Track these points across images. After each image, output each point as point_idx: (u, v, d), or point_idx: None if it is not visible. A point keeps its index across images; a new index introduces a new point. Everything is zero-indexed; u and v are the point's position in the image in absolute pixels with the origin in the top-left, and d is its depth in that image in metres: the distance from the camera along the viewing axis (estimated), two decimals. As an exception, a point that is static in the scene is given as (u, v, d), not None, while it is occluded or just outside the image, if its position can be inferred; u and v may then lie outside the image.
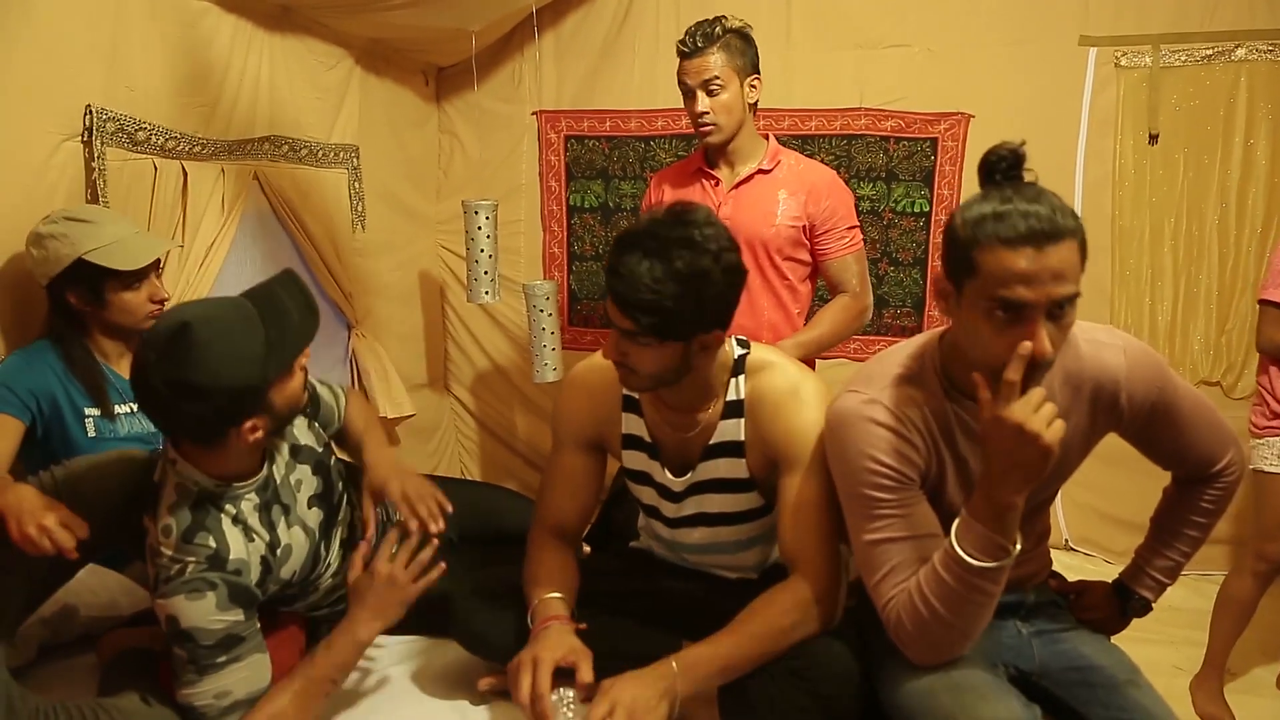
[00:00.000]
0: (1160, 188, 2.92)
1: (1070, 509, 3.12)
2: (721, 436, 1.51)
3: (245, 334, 1.31)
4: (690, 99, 2.14)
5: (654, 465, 1.59)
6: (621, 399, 1.59)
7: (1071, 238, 1.13)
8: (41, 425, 1.66)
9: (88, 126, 1.79)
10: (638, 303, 1.31)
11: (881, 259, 3.16)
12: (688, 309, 1.32)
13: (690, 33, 2.11)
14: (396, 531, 1.54)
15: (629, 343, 1.38)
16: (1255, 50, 2.79)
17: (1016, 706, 1.21)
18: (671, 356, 1.38)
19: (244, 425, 1.33)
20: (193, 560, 1.35)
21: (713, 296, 1.34)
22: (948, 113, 3.00)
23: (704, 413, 1.52)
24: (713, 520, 1.57)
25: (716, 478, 1.54)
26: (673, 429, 1.55)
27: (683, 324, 1.34)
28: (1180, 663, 2.43)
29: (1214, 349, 2.96)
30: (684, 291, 1.30)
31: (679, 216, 1.35)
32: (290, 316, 1.38)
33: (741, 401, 1.50)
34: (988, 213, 1.14)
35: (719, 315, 1.38)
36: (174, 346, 1.26)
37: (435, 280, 3.49)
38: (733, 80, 2.11)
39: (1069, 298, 1.14)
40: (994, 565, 1.19)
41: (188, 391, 1.26)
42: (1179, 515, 1.50)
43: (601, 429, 1.62)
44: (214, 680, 1.34)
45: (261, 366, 1.31)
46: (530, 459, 3.57)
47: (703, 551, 1.63)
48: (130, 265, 1.65)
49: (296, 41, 2.47)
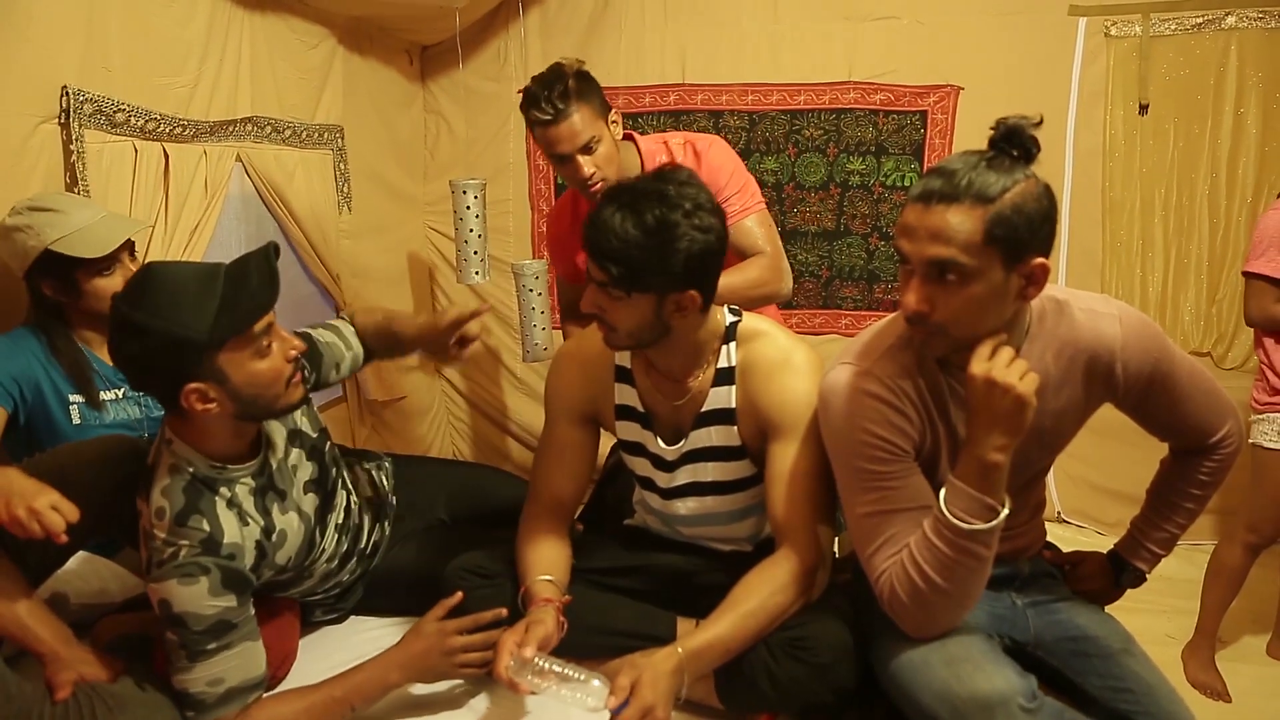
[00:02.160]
0: (1150, 158, 2.91)
1: (1062, 481, 3.13)
2: (713, 404, 1.52)
3: (199, 286, 1.30)
4: (569, 166, 1.96)
5: (647, 435, 1.60)
6: (614, 370, 1.60)
7: (973, 205, 1.13)
8: (24, 412, 1.63)
9: (65, 108, 1.75)
10: (606, 250, 1.35)
11: (872, 233, 3.15)
12: (654, 262, 1.35)
13: (543, 97, 1.90)
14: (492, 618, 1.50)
15: (603, 295, 1.41)
16: (1245, 18, 2.77)
17: (1013, 676, 1.22)
18: (644, 312, 1.40)
19: (188, 387, 1.30)
20: (186, 544, 1.34)
21: (681, 251, 1.35)
22: (937, 85, 2.98)
23: (694, 380, 1.53)
24: (705, 489, 1.57)
25: (709, 446, 1.54)
26: (664, 397, 1.56)
27: (650, 277, 1.36)
28: (1173, 631, 2.45)
29: (1204, 319, 2.96)
30: (651, 244, 1.34)
31: (659, 175, 1.40)
32: (249, 280, 1.34)
33: (733, 369, 1.51)
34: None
35: (691, 275, 1.38)
36: (132, 286, 1.30)
37: (424, 262, 3.46)
38: (602, 129, 1.96)
39: (945, 262, 1.15)
40: (984, 527, 1.20)
41: (130, 327, 1.26)
42: (1176, 487, 1.50)
43: (595, 401, 1.63)
44: (206, 667, 1.33)
45: (207, 319, 1.28)
46: (522, 439, 3.57)
47: (696, 523, 1.64)
48: (98, 252, 1.60)
49: (277, 20, 2.44)
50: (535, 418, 3.48)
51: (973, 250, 1.13)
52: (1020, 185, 1.14)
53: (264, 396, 1.38)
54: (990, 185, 1.13)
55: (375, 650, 1.70)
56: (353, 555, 1.74)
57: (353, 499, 1.75)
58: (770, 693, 1.40)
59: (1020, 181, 1.15)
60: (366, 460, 1.94)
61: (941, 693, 1.21)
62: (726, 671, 1.43)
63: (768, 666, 1.39)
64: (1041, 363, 1.30)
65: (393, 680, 1.45)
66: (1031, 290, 1.20)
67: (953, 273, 1.15)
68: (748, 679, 1.41)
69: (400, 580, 1.82)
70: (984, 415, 1.18)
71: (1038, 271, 1.18)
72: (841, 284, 3.23)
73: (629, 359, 1.60)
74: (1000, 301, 1.19)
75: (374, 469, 1.92)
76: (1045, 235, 1.17)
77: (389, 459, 2.01)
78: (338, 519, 1.68)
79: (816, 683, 1.37)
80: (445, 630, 1.47)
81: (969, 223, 1.13)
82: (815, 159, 3.13)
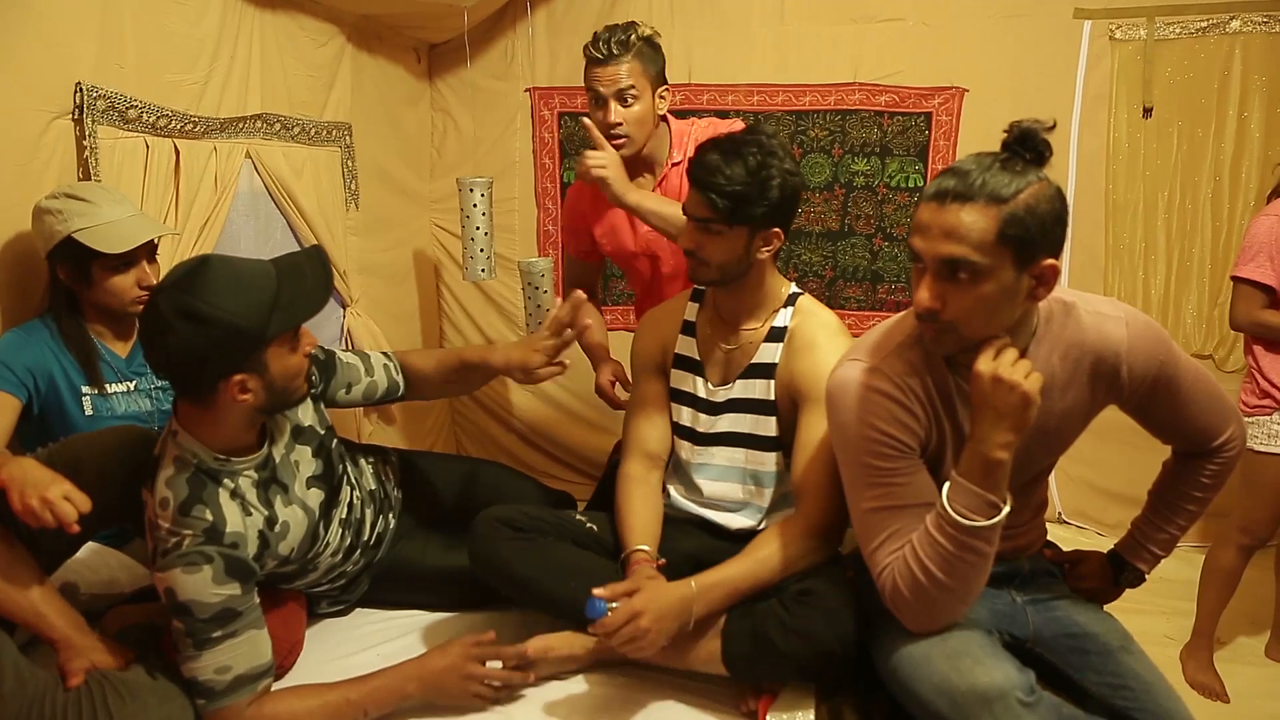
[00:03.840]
0: (1154, 161, 2.92)
1: (1063, 482, 3.14)
2: (761, 358, 1.68)
3: (258, 281, 1.35)
4: (600, 107, 2.04)
5: (697, 380, 1.75)
6: (682, 324, 1.79)
7: (987, 205, 1.14)
8: (38, 403, 1.65)
9: (78, 104, 1.77)
10: (714, 186, 1.53)
11: (876, 234, 3.16)
12: (755, 194, 1.53)
13: (602, 38, 2.00)
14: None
15: (703, 232, 1.59)
16: (1249, 22, 2.78)
17: (1012, 671, 1.23)
18: (737, 245, 1.58)
19: (234, 378, 1.33)
20: (189, 533, 1.36)
21: (775, 187, 1.54)
22: (942, 87, 2.99)
23: (749, 330, 1.69)
24: (738, 440, 1.71)
25: (750, 397, 1.69)
26: (721, 341, 1.72)
27: (751, 209, 1.54)
28: (1171, 632, 2.46)
29: (1206, 322, 2.97)
30: (753, 180, 1.53)
31: (752, 129, 1.62)
32: (305, 282, 1.40)
33: (785, 329, 1.67)
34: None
35: (780, 212, 1.58)
36: (189, 274, 1.32)
37: (430, 259, 3.48)
38: (646, 91, 2.04)
39: (958, 260, 1.16)
40: (986, 523, 1.21)
41: (189, 315, 1.28)
42: (1178, 489, 1.51)
43: (666, 353, 1.81)
44: (213, 655, 1.35)
45: (265, 314, 1.33)
46: (526, 436, 3.58)
47: (721, 477, 1.73)
48: (116, 248, 1.62)
49: (287, 18, 2.45)
50: (540, 415, 3.51)
51: (985, 249, 1.15)
52: (1033, 187, 1.16)
53: (290, 388, 1.44)
54: (1004, 186, 1.14)
55: (381, 642, 1.73)
56: (356, 548, 1.76)
57: (356, 494, 1.77)
58: (780, 641, 1.42)
59: (1033, 183, 1.16)
60: (372, 454, 1.95)
61: (941, 686, 1.22)
62: (736, 627, 1.47)
63: (779, 616, 1.44)
64: (1048, 364, 1.31)
65: (409, 692, 1.46)
66: (1041, 291, 1.21)
67: (965, 271, 1.16)
68: (759, 634, 1.44)
69: (406, 573, 1.84)
70: (989, 412, 1.20)
71: (1048, 272, 1.19)
72: (845, 284, 3.24)
73: (695, 313, 1.78)
74: (1010, 301, 1.20)
75: (380, 463, 1.94)
76: (1056, 237, 1.19)
77: (395, 454, 2.03)
78: (342, 514, 1.70)
79: (824, 629, 1.41)
80: (469, 654, 1.49)
81: (982, 222, 1.14)
82: (820, 160, 3.15)
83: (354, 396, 1.81)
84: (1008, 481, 1.22)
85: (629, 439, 1.82)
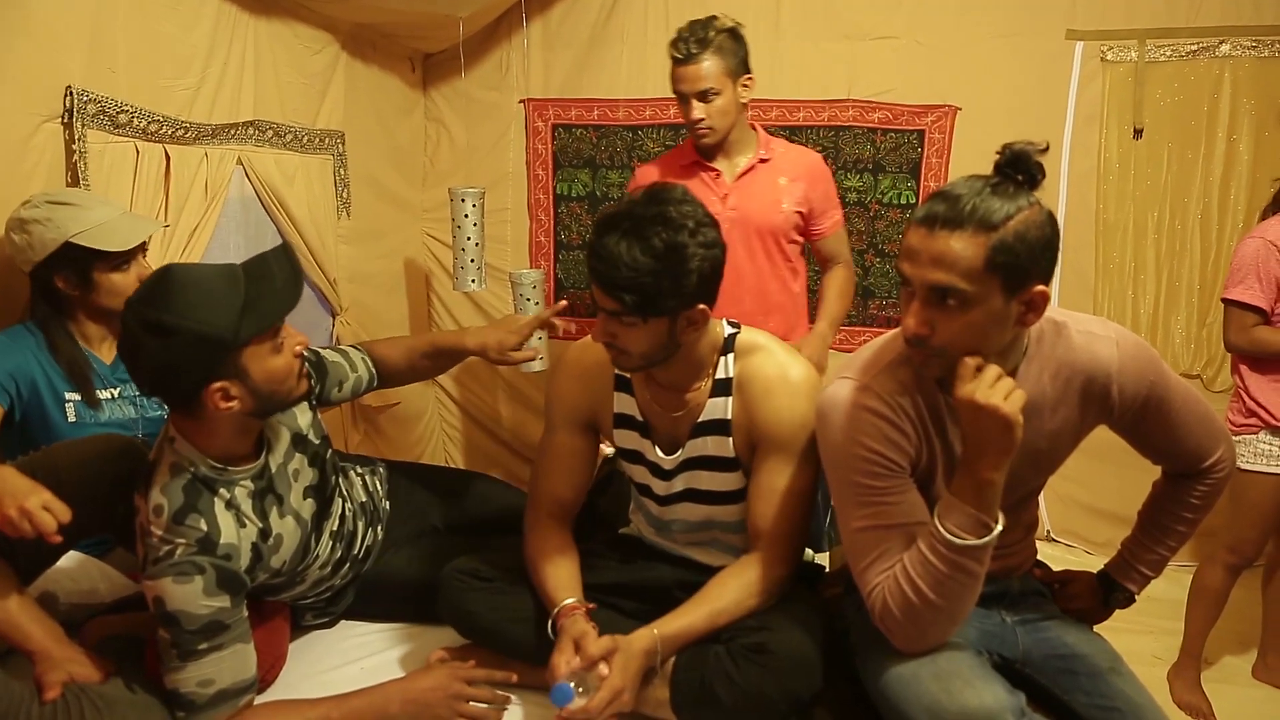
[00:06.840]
0: (1144, 182, 2.94)
1: (1052, 500, 3.14)
2: (710, 415, 1.54)
3: (224, 286, 1.32)
4: (685, 105, 2.16)
5: (645, 444, 1.61)
6: (613, 379, 1.62)
7: (976, 232, 1.13)
8: (20, 409, 1.63)
9: (68, 108, 1.75)
10: (619, 282, 1.35)
11: (868, 250, 3.17)
12: (667, 285, 1.35)
13: (684, 38, 2.10)
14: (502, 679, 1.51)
15: (616, 323, 1.41)
16: (1239, 46, 2.81)
17: (1001, 692, 1.22)
18: (658, 334, 1.41)
19: (212, 386, 1.31)
20: (182, 542, 1.34)
21: (692, 271, 1.36)
22: (935, 105, 3.00)
23: (693, 392, 1.54)
24: (702, 497, 1.59)
25: (705, 455, 1.56)
26: (663, 408, 1.57)
27: (664, 300, 1.37)
28: (1159, 652, 2.46)
29: (1195, 342, 2.99)
30: (663, 268, 1.34)
31: (654, 196, 1.39)
32: (273, 281, 1.37)
33: (730, 380, 1.53)
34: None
35: (701, 290, 1.40)
36: (150, 288, 1.31)
37: (421, 268, 3.47)
38: (726, 85, 2.13)
39: (946, 287, 1.15)
40: (977, 543, 1.20)
41: (156, 329, 1.26)
42: (1168, 510, 1.51)
43: (594, 409, 1.65)
44: (197, 667, 1.32)
45: (234, 317, 1.30)
46: (515, 448, 3.56)
47: (692, 530, 1.65)
48: (121, 246, 1.62)
49: (281, 25, 2.44)
50: (528, 426, 3.48)
51: (973, 277, 1.14)
52: (1024, 213, 1.15)
53: (279, 391, 1.41)
54: (994, 212, 1.14)
55: (364, 655, 1.71)
56: (346, 561, 1.74)
57: (348, 506, 1.75)
58: (727, 699, 1.38)
59: (1024, 209, 1.15)
60: (361, 465, 1.94)
61: (931, 707, 1.21)
62: (684, 679, 1.44)
63: (727, 672, 1.39)
64: (1038, 383, 1.31)
65: (391, 711, 1.42)
66: (1031, 316, 1.21)
67: (953, 298, 1.16)
68: (706, 686, 1.41)
69: (392, 586, 1.82)
70: (974, 438, 1.19)
71: (1038, 298, 1.19)
72: (836, 300, 3.23)
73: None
74: (999, 327, 1.20)
75: (368, 474, 1.92)
76: (1046, 263, 1.18)
77: (383, 465, 2.01)
78: (333, 526, 1.68)
79: (774, 689, 1.37)
80: (456, 675, 1.47)
81: (971, 249, 1.13)
82: (813, 175, 3.15)
83: (345, 394, 1.83)
84: (999, 501, 1.22)
85: (538, 490, 1.65)
